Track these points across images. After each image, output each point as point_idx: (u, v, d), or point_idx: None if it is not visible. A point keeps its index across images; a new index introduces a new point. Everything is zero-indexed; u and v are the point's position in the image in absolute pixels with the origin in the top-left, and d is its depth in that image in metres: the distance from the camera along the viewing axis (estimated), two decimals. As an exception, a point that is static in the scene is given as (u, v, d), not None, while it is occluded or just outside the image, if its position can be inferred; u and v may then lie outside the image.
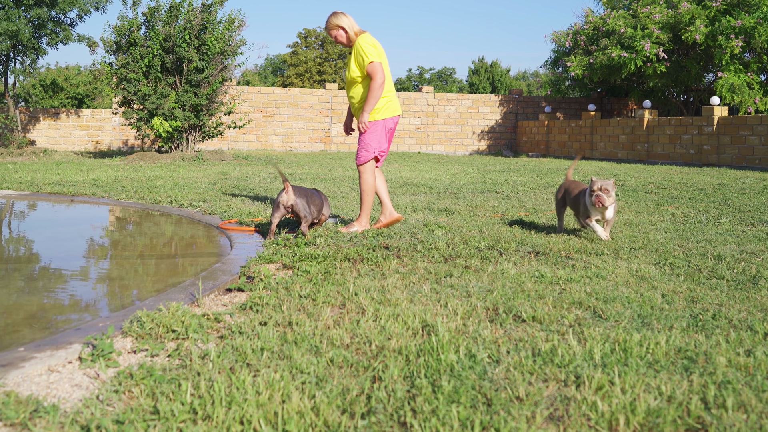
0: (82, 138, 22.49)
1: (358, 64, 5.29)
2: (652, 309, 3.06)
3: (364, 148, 5.38)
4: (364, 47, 5.23)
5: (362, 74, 5.32)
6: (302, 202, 4.93)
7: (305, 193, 5.04)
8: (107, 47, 16.16)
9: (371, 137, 5.37)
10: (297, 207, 4.91)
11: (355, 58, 5.31)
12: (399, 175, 11.90)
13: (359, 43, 5.28)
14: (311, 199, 5.07)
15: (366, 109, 5.26)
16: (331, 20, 5.37)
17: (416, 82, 61.52)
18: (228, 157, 16.28)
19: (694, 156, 16.83)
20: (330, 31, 5.42)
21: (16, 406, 1.96)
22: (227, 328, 2.76)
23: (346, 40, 5.38)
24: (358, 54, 5.27)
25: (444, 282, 3.59)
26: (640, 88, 22.38)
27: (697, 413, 1.96)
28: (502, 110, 24.92)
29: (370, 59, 5.22)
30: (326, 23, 5.43)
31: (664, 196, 8.39)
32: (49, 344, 2.49)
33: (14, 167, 12.88)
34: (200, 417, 1.92)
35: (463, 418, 1.91)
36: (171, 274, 4.12)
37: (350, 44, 5.40)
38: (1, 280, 3.92)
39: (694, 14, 18.23)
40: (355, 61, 5.32)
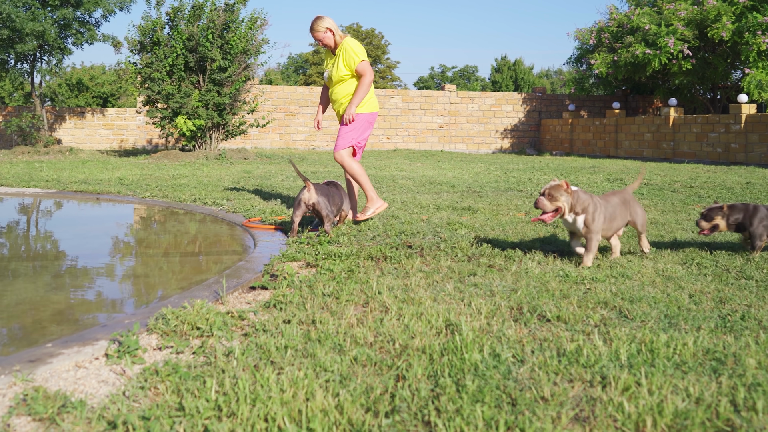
0: (107, 137, 22.72)
1: (346, 64, 5.56)
2: (679, 309, 3.02)
3: (343, 138, 5.63)
4: (354, 47, 5.53)
5: (351, 73, 5.60)
6: (324, 200, 4.94)
7: (327, 192, 5.05)
8: (131, 47, 16.32)
9: (353, 128, 5.64)
10: (319, 206, 4.92)
11: (344, 59, 5.56)
12: (422, 173, 11.88)
13: (348, 44, 5.56)
14: (332, 198, 5.08)
15: (354, 102, 5.54)
16: (320, 23, 5.57)
17: (438, 80, 61.40)
18: (251, 155, 16.36)
19: (722, 154, 16.62)
20: (317, 33, 5.59)
21: (44, 401, 1.98)
22: (251, 326, 2.77)
23: (333, 41, 5.61)
24: (347, 54, 5.53)
25: (467, 281, 3.57)
26: (665, 86, 22.13)
27: (726, 415, 1.93)
28: (525, 108, 24.78)
29: (361, 58, 5.54)
30: (314, 27, 5.60)
31: (691, 195, 8.29)
32: (76, 340, 2.51)
33: (41, 166, 13.05)
34: (225, 414, 1.92)
35: (488, 418, 1.89)
36: (195, 271, 4.15)
37: (335, 46, 5.64)
38: (29, 277, 3.97)
39: (720, 11, 17.99)
40: (343, 61, 5.57)
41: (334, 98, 5.76)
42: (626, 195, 4.34)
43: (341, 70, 5.59)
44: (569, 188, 4.07)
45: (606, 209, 4.14)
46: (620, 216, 4.23)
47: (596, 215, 4.05)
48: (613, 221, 4.17)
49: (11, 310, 3.19)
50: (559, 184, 4.06)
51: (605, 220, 4.11)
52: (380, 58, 53.94)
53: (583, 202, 4.07)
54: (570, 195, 4.07)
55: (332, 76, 5.65)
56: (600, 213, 4.07)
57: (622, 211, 4.24)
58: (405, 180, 10.29)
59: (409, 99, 24.20)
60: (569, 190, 4.06)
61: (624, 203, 4.28)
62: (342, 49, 5.56)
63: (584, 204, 4.07)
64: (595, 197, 4.17)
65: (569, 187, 4.07)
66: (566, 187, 4.05)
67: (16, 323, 3.00)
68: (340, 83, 5.64)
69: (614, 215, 4.18)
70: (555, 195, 4.05)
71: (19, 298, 3.40)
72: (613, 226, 4.19)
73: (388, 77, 54.24)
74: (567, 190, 4.05)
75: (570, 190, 4.07)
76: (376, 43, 53.41)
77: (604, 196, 4.27)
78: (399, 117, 24.05)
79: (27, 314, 3.13)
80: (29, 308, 3.23)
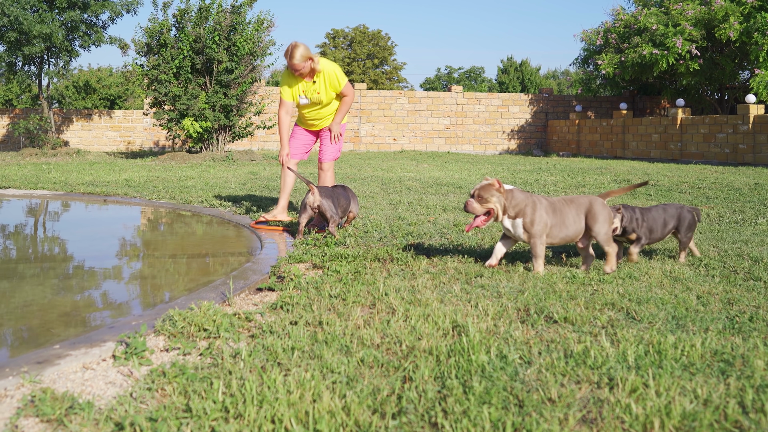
0: (114, 139, 22.80)
1: (333, 87, 5.66)
2: (687, 311, 3.01)
3: (335, 149, 5.92)
4: (337, 72, 5.65)
5: (335, 94, 5.74)
6: (328, 202, 4.95)
7: (331, 194, 5.06)
8: (138, 49, 16.37)
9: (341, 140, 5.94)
10: (323, 208, 4.93)
11: (329, 83, 5.63)
12: (428, 174, 11.88)
13: (330, 69, 5.63)
14: (337, 200, 5.09)
15: (338, 120, 5.81)
16: (302, 53, 5.44)
17: (445, 81, 61.38)
18: (258, 157, 16.39)
19: (729, 155, 16.56)
20: (299, 63, 5.44)
21: (52, 403, 1.99)
22: (258, 328, 2.78)
23: (310, 69, 5.57)
24: (331, 78, 5.62)
25: (474, 282, 3.57)
26: (672, 87, 22.07)
27: (734, 417, 1.92)
28: (532, 109, 24.75)
29: (345, 80, 5.69)
30: (294, 55, 5.41)
31: (699, 195, 8.26)
32: (83, 342, 2.52)
33: (48, 168, 13.10)
34: (232, 415, 1.93)
35: (495, 420, 1.89)
36: (202, 273, 4.16)
37: (312, 74, 5.60)
38: (37, 279, 3.98)
39: (728, 11, 17.92)
40: (329, 85, 5.65)
41: (315, 117, 5.84)
42: (589, 203, 3.88)
43: (330, 94, 5.70)
44: (501, 187, 3.77)
45: (551, 213, 3.81)
46: (574, 224, 3.85)
47: (536, 217, 3.75)
48: (562, 228, 3.83)
49: (19, 312, 3.20)
50: (490, 183, 3.75)
51: (552, 226, 3.80)
52: (387, 60, 53.94)
53: (518, 204, 3.77)
54: (503, 195, 3.76)
55: (321, 101, 5.71)
56: (540, 215, 3.76)
57: (575, 219, 3.85)
58: (412, 181, 10.29)
59: (415, 100, 24.20)
60: (501, 189, 3.77)
61: (580, 211, 3.86)
62: (324, 75, 5.60)
63: (520, 205, 3.77)
64: (538, 197, 3.85)
65: (501, 186, 3.77)
66: (498, 186, 3.76)
67: (24, 325, 3.01)
68: (326, 106, 5.77)
69: (564, 222, 3.83)
70: (485, 196, 3.74)
71: (27, 300, 3.41)
72: (564, 233, 3.84)
73: (394, 78, 54.24)
74: (499, 189, 3.76)
75: (503, 189, 3.77)
76: (383, 45, 53.41)
77: (554, 199, 3.93)
78: (405, 118, 24.06)
79: (35, 315, 3.14)
80: (37, 309, 3.24)
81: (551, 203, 3.89)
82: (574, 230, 3.88)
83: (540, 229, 3.77)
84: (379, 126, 23.90)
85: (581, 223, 3.88)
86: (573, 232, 3.89)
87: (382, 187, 9.28)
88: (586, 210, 3.87)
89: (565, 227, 3.85)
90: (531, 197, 3.84)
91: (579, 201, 3.92)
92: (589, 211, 3.86)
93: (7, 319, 3.09)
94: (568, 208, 3.88)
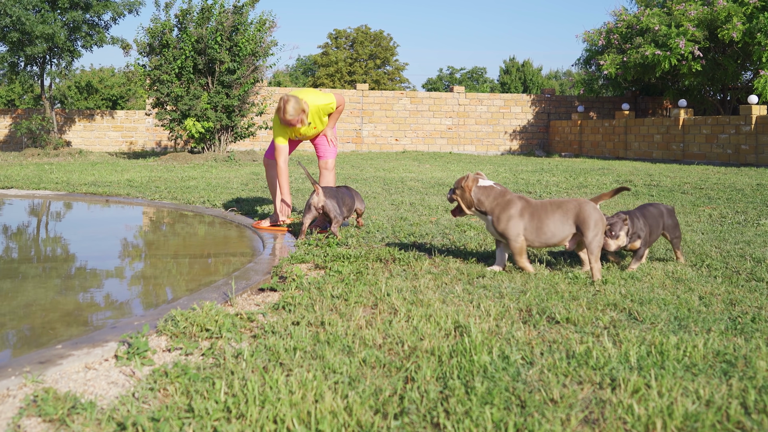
0: (116, 139, 22.82)
1: (325, 113, 5.59)
2: (689, 311, 3.01)
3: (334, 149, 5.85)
4: (325, 101, 5.51)
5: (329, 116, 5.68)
6: (332, 203, 4.96)
7: (336, 194, 5.06)
8: (140, 49, 16.39)
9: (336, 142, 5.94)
10: (327, 208, 4.93)
11: (323, 113, 5.56)
12: (431, 175, 11.88)
13: (318, 102, 5.48)
14: (342, 200, 5.09)
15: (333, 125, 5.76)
16: (295, 107, 5.18)
17: (447, 82, 61.38)
18: (260, 157, 16.40)
19: (732, 156, 16.55)
20: (294, 117, 5.21)
21: (54, 403, 1.99)
22: (260, 328, 2.78)
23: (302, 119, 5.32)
24: (323, 110, 5.53)
25: (476, 283, 3.57)
26: (675, 87, 22.05)
27: (736, 418, 1.92)
28: (534, 110, 24.74)
29: (332, 97, 5.57)
30: (288, 110, 5.16)
31: (701, 196, 8.26)
32: (85, 342, 2.52)
33: (51, 168, 13.11)
34: (234, 415, 1.93)
35: (497, 420, 1.89)
36: (204, 273, 4.16)
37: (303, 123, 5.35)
38: (39, 279, 3.99)
39: (731, 11, 17.90)
40: (323, 114, 5.58)
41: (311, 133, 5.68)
42: (578, 207, 3.78)
43: (324, 122, 5.66)
44: (469, 182, 3.87)
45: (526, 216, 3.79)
46: (556, 229, 3.77)
47: (502, 217, 3.78)
48: (539, 233, 3.77)
49: (22, 312, 3.20)
50: (462, 177, 3.91)
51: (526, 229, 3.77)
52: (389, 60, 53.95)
53: (485, 201, 3.84)
54: (467, 190, 3.85)
55: (319, 131, 5.69)
56: (509, 216, 3.77)
57: (559, 224, 3.77)
58: (414, 182, 10.29)
59: (417, 101, 24.20)
60: (467, 183, 3.86)
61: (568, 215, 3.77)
62: (316, 112, 5.48)
63: (490, 203, 3.83)
64: (515, 199, 3.84)
65: (467, 181, 3.87)
66: (464, 180, 3.88)
67: (27, 324, 3.01)
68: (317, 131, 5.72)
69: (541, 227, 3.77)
70: (455, 188, 3.90)
71: (29, 300, 3.42)
72: (543, 238, 3.79)
73: (396, 79, 54.25)
74: (465, 183, 3.87)
75: (469, 184, 3.86)
76: (385, 45, 53.42)
77: (537, 203, 3.86)
78: (407, 119, 24.06)
79: (37, 316, 3.14)
80: (39, 310, 3.24)
81: (529, 207, 3.81)
82: (556, 235, 3.78)
83: (506, 228, 3.78)
84: (381, 126, 23.90)
85: (567, 228, 3.77)
86: (555, 237, 3.79)
87: (384, 187, 9.28)
88: (575, 215, 3.75)
89: (543, 232, 3.76)
90: (505, 197, 3.84)
91: (567, 205, 3.80)
92: (578, 216, 3.74)
93: (10, 318, 3.09)
94: (552, 213, 3.78)
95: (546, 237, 3.78)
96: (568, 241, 3.83)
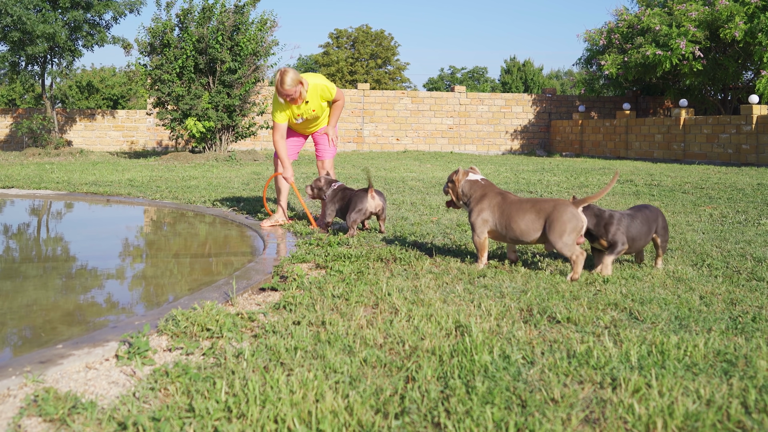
0: (117, 138, 22.82)
1: (325, 99, 5.69)
2: (690, 311, 3.01)
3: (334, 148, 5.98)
4: (326, 83, 5.65)
5: (328, 103, 5.79)
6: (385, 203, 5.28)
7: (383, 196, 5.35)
8: (141, 49, 16.39)
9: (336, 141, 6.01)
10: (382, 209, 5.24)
11: (322, 97, 5.65)
12: (431, 175, 11.88)
13: (320, 83, 5.61)
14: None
15: (334, 123, 5.90)
16: (293, 77, 5.36)
17: (448, 81, 61.37)
18: (261, 157, 16.40)
19: (732, 155, 16.54)
20: (291, 88, 5.36)
21: (55, 402, 1.99)
22: (261, 327, 2.78)
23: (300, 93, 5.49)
24: (324, 92, 5.63)
25: (477, 282, 3.57)
26: (676, 87, 22.04)
27: (737, 417, 1.92)
28: (535, 109, 24.74)
29: (335, 87, 5.71)
30: (285, 81, 5.32)
31: (702, 196, 8.25)
32: (86, 342, 2.52)
33: (51, 167, 13.12)
34: (235, 415, 1.93)
35: (498, 420, 1.89)
36: (205, 273, 4.16)
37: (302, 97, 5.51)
38: (40, 279, 3.99)
39: (732, 11, 17.88)
40: (322, 99, 5.67)
41: (310, 126, 5.86)
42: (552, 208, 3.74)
43: (324, 108, 5.75)
44: (457, 175, 4.06)
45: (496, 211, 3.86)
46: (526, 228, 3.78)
47: (475, 208, 3.94)
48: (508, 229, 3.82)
49: (22, 311, 3.20)
50: (455, 170, 4.09)
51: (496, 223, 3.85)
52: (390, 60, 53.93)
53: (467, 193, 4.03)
54: (456, 183, 4.07)
55: (318, 116, 5.76)
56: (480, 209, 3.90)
57: (530, 223, 3.77)
58: (415, 181, 10.29)
59: (418, 100, 24.19)
60: (457, 177, 4.06)
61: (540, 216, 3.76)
62: (315, 91, 5.57)
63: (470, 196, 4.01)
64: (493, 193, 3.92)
65: (458, 174, 4.06)
66: (454, 175, 4.08)
67: (27, 324, 3.02)
68: (319, 117, 5.80)
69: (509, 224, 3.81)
70: (449, 182, 4.13)
71: (30, 299, 3.42)
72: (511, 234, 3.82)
73: (397, 79, 54.24)
74: (456, 176, 4.07)
75: (458, 177, 4.05)
76: (386, 45, 53.41)
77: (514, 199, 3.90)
78: (408, 118, 24.05)
79: (38, 315, 3.14)
80: (40, 309, 3.24)
81: (504, 203, 3.87)
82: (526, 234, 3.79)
83: (474, 220, 3.93)
84: (382, 126, 23.89)
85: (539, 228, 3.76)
86: (525, 236, 3.80)
87: (385, 187, 9.28)
88: (546, 216, 3.73)
89: (511, 229, 3.81)
90: (482, 190, 3.98)
91: (542, 205, 3.79)
92: (548, 218, 3.73)
93: (10, 318, 3.09)
94: (525, 212, 3.79)
95: (514, 234, 3.82)
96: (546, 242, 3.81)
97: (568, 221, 3.69)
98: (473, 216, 3.93)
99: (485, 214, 3.89)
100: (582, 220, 3.73)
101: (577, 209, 3.74)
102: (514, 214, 3.81)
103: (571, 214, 3.71)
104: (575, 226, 3.70)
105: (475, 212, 3.93)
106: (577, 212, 3.73)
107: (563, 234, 3.68)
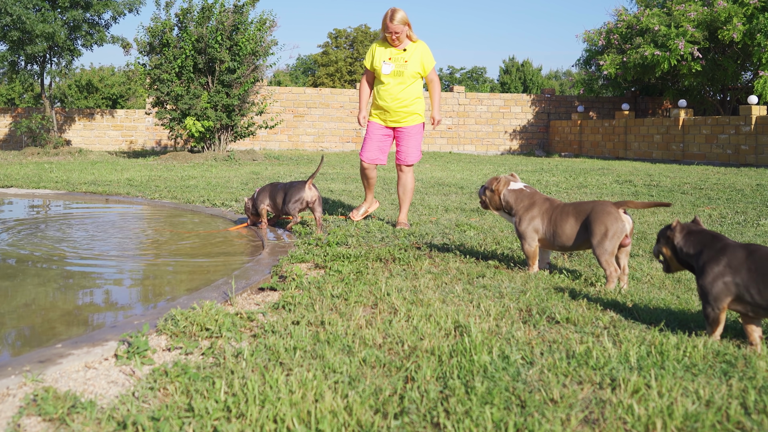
0: (116, 138, 22.80)
1: (422, 63, 5.44)
2: (690, 311, 3.01)
3: (418, 149, 5.64)
4: (430, 52, 5.44)
5: (421, 74, 5.48)
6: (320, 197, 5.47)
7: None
8: (141, 48, 16.38)
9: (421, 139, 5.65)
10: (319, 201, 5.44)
11: (422, 57, 5.43)
12: (430, 175, 11.88)
13: (425, 46, 5.46)
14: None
15: (438, 107, 5.53)
16: (402, 16, 5.31)
17: (447, 81, 61.36)
18: (260, 157, 16.39)
19: (731, 156, 16.54)
20: (398, 25, 5.30)
21: (54, 402, 1.99)
22: (260, 327, 2.78)
23: (405, 37, 5.41)
24: (425, 54, 5.43)
25: (476, 282, 3.57)
26: (675, 87, 22.05)
27: (736, 418, 1.92)
28: (534, 110, 24.74)
29: (434, 63, 5.45)
30: (395, 17, 5.29)
31: (701, 196, 8.25)
32: (85, 341, 2.52)
33: (50, 167, 13.10)
34: (234, 415, 1.93)
35: (497, 420, 1.89)
36: (204, 272, 4.16)
37: (404, 43, 5.43)
38: (38, 278, 3.98)
39: (731, 12, 17.89)
40: (420, 59, 5.43)
41: (395, 98, 5.45)
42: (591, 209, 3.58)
43: (416, 67, 5.43)
44: (498, 184, 3.96)
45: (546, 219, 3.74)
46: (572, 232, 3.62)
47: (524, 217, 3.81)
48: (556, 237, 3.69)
49: (21, 311, 3.20)
50: (494, 178, 4.00)
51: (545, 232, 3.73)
52: (389, 60, 53.86)
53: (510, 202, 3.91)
54: (496, 192, 3.97)
55: (403, 71, 5.41)
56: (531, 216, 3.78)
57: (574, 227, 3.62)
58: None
59: (417, 100, 24.15)
60: (497, 186, 3.96)
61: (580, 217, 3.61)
62: (420, 48, 5.44)
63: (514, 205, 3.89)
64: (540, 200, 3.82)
65: (498, 183, 3.96)
66: (497, 183, 3.97)
67: (26, 324, 3.01)
68: (408, 84, 5.44)
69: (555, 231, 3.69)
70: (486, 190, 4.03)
71: (29, 299, 3.42)
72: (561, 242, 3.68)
73: (396, 79, 54.17)
74: (496, 186, 3.97)
75: (498, 187, 3.95)
76: (385, 45, 53.38)
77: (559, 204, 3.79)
78: (407, 118, 24.00)
79: (37, 315, 3.14)
80: (39, 309, 3.24)
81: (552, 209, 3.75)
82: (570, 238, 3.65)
83: (524, 230, 3.81)
84: (381, 126, 23.85)
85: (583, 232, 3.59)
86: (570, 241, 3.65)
87: (384, 187, 9.28)
88: (585, 216, 3.57)
89: (558, 236, 3.67)
90: (530, 199, 3.85)
91: (582, 207, 3.64)
92: (587, 219, 3.55)
93: (9, 318, 3.09)
94: (568, 215, 3.66)
95: (561, 240, 3.67)
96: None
97: (609, 224, 3.45)
98: (523, 225, 3.79)
99: (536, 223, 3.76)
100: (625, 222, 3.47)
101: (619, 211, 3.49)
102: (559, 219, 3.67)
103: (609, 215, 3.47)
104: (616, 230, 3.44)
105: (525, 221, 3.78)
106: (619, 214, 3.48)
107: (603, 239, 3.44)
